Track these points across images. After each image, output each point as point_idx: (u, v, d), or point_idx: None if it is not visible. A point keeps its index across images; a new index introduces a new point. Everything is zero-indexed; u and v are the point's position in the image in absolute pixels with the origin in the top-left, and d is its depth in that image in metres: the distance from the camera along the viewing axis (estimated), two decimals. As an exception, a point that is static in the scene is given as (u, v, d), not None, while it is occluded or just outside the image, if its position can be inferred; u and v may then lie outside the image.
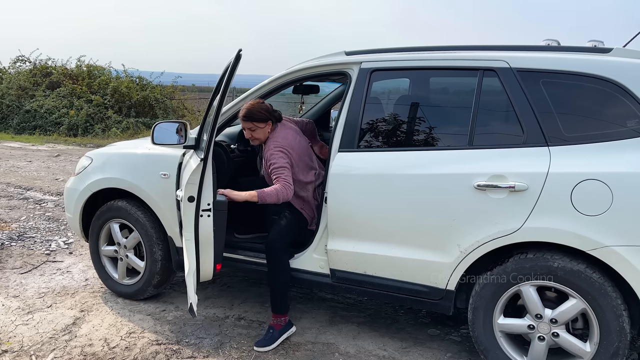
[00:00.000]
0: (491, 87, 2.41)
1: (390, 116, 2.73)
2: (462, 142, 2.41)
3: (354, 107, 2.63)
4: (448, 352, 2.73)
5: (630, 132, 2.14)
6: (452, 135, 2.55)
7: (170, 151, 3.10)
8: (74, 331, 2.91)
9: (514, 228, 2.23)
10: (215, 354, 2.68)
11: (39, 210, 5.54)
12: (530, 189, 2.20)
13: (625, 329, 2.13)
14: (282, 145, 2.71)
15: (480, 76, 2.41)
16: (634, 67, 2.18)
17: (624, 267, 2.07)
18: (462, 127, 2.44)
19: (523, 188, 2.20)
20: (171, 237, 3.11)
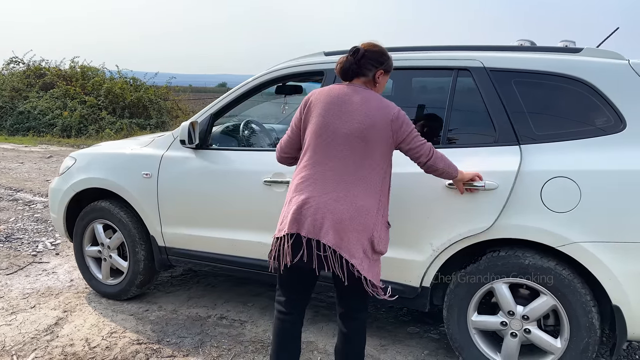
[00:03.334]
0: (465, 87, 2.44)
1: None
2: (436, 141, 2.43)
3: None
4: (425, 350, 2.76)
5: (599, 130, 2.17)
6: (427, 134, 2.57)
7: (152, 151, 3.12)
8: (55, 331, 2.93)
9: (485, 226, 2.26)
10: (195, 353, 2.70)
11: (28, 211, 5.56)
12: (500, 187, 2.23)
13: (594, 325, 2.16)
14: None
15: (455, 76, 2.44)
16: (602, 67, 2.22)
17: (592, 263, 2.10)
18: (437, 126, 2.47)
19: (493, 187, 2.23)
20: (153, 237, 3.14)
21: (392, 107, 1.97)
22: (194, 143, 2.88)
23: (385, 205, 2.01)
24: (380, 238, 1.95)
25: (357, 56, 2.00)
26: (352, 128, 1.93)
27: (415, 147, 2.00)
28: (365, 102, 1.96)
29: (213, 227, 2.92)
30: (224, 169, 2.87)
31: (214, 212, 2.91)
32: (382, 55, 2.04)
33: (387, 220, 2.04)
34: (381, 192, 1.97)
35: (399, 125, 1.95)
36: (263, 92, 3.20)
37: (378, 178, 1.95)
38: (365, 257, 1.91)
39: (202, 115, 3.00)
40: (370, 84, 2.04)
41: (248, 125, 3.43)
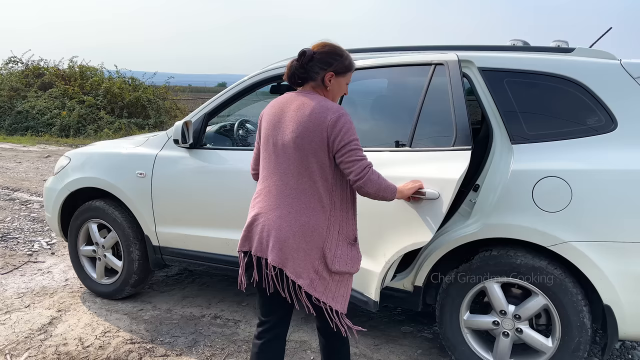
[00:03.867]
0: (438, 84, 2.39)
1: (370, 115, 2.76)
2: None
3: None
4: (419, 349, 2.76)
5: (590, 130, 2.17)
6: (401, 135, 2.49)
7: (146, 151, 3.12)
8: (49, 331, 2.93)
9: (478, 226, 2.26)
10: (188, 352, 2.70)
11: (25, 211, 5.56)
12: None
13: (585, 324, 2.17)
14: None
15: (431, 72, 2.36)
16: (594, 67, 2.22)
17: (583, 263, 2.10)
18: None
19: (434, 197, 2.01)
20: (148, 237, 3.14)
21: (331, 112, 1.70)
22: (187, 142, 2.88)
23: (342, 219, 1.78)
24: (337, 256, 1.76)
25: (303, 60, 1.78)
26: (287, 139, 1.74)
27: (346, 162, 1.69)
28: (300, 109, 1.74)
29: (207, 226, 2.93)
30: (217, 168, 2.88)
31: (207, 211, 2.91)
32: (333, 55, 1.79)
33: (350, 236, 1.81)
34: (331, 206, 1.75)
35: (335, 132, 1.68)
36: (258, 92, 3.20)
37: (323, 191, 1.73)
38: (318, 278, 1.74)
39: (196, 114, 3.00)
40: (320, 89, 1.82)
41: (242, 124, 3.43)
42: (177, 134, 2.86)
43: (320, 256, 1.74)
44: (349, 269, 1.80)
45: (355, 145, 1.70)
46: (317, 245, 1.73)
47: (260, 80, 2.92)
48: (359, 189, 1.73)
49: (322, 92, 1.82)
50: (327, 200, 1.74)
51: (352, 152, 1.70)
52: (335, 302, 1.79)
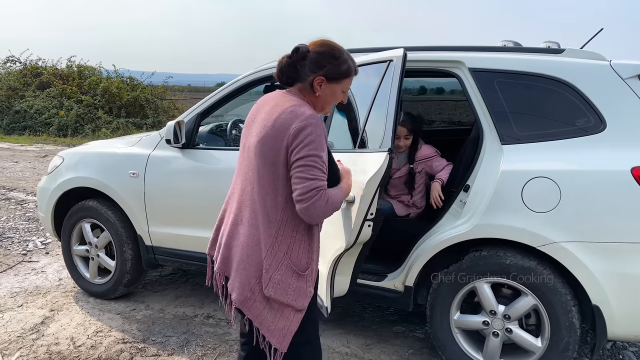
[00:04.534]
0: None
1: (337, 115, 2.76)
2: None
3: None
4: (410, 349, 2.76)
5: (579, 130, 2.18)
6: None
7: (139, 150, 3.12)
8: (42, 330, 2.93)
9: (468, 227, 2.27)
10: (179, 352, 2.71)
11: (20, 210, 5.55)
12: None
13: (575, 324, 2.17)
14: None
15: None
16: (583, 67, 2.23)
17: (572, 263, 2.11)
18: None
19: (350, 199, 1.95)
20: (140, 236, 3.14)
21: (298, 120, 1.48)
22: (180, 142, 2.89)
23: (292, 242, 1.56)
24: (273, 280, 1.54)
25: (295, 57, 1.58)
26: (251, 142, 1.60)
27: (295, 177, 1.49)
28: (270, 111, 1.56)
29: (199, 226, 2.92)
30: (210, 168, 2.88)
31: (199, 211, 2.91)
32: (327, 57, 1.58)
33: (299, 264, 1.57)
34: (280, 224, 1.54)
35: (296, 143, 1.47)
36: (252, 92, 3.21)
37: (271, 205, 1.54)
38: (254, 299, 1.57)
39: (188, 114, 3.01)
40: (308, 94, 1.61)
41: (236, 124, 3.43)
42: (169, 133, 2.86)
43: (258, 275, 1.56)
44: (289, 300, 1.56)
45: (312, 162, 1.47)
46: (255, 261, 1.56)
47: (252, 80, 2.92)
48: (300, 212, 1.49)
49: (309, 96, 1.61)
50: (275, 216, 1.54)
51: (305, 168, 1.47)
52: (271, 335, 1.58)
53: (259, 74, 2.90)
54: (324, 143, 1.52)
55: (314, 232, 1.62)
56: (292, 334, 1.60)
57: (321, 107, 1.65)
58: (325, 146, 1.53)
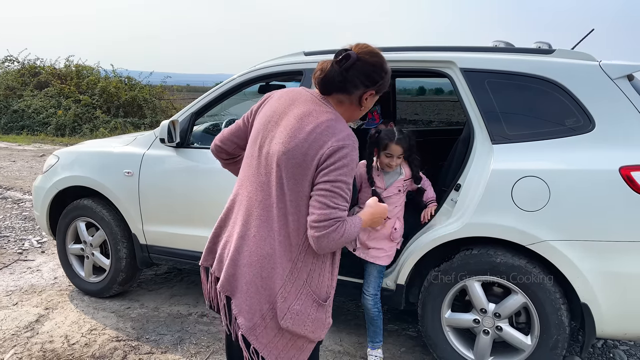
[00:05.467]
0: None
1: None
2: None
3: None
4: (402, 347, 2.78)
5: (568, 130, 2.20)
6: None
7: (134, 149, 3.14)
8: (36, 328, 2.94)
9: (458, 225, 2.29)
10: (173, 350, 2.72)
11: (17, 209, 5.57)
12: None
13: (564, 322, 2.19)
14: None
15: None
16: (573, 68, 2.24)
17: (561, 261, 2.13)
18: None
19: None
20: (135, 235, 3.15)
21: (336, 139, 1.35)
22: (174, 141, 2.90)
23: (313, 269, 1.42)
24: (291, 311, 1.39)
25: (344, 64, 1.41)
26: (273, 149, 1.42)
27: (315, 201, 1.35)
28: (303, 119, 1.40)
29: (193, 225, 2.94)
30: (204, 167, 2.89)
31: (194, 210, 2.92)
32: (380, 71, 1.44)
33: (320, 293, 1.44)
34: (301, 249, 1.40)
35: (327, 164, 1.34)
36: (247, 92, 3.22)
37: (293, 227, 1.39)
38: (264, 326, 1.41)
39: (183, 114, 3.02)
40: (350, 105, 1.47)
41: (230, 124, 3.44)
42: (163, 133, 2.87)
43: (270, 301, 1.40)
44: (307, 332, 1.43)
45: (338, 188, 1.34)
46: (270, 286, 1.40)
47: (247, 79, 2.94)
48: (310, 238, 1.36)
49: (349, 108, 1.47)
50: (296, 239, 1.40)
51: (330, 194, 1.34)
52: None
53: (253, 73, 2.91)
54: (355, 169, 1.40)
55: (336, 258, 1.49)
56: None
57: (354, 119, 1.54)
58: (354, 172, 1.41)
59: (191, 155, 2.95)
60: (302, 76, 2.76)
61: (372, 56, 1.43)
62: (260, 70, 2.90)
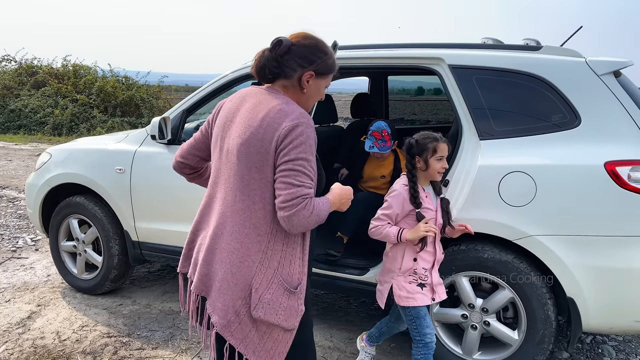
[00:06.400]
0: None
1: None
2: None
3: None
4: (392, 343, 2.80)
5: (555, 126, 2.21)
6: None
7: (126, 147, 3.15)
8: (28, 324, 2.95)
9: (446, 220, 2.30)
10: (164, 345, 2.73)
11: (11, 208, 5.57)
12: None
13: (550, 317, 2.20)
14: None
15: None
16: (559, 64, 2.26)
17: (547, 256, 2.14)
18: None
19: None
20: (127, 232, 3.16)
21: (289, 119, 1.38)
22: (165, 138, 2.91)
23: (284, 256, 1.43)
24: (263, 301, 1.40)
25: (277, 51, 1.45)
26: (231, 144, 1.44)
27: (279, 183, 1.37)
28: (253, 109, 1.44)
29: (184, 222, 2.95)
30: (195, 164, 2.90)
31: (185, 207, 2.93)
32: (316, 51, 1.48)
33: (291, 281, 1.44)
34: (270, 237, 1.42)
35: (285, 143, 1.36)
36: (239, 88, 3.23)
37: (262, 215, 1.41)
38: (238, 321, 1.42)
39: (174, 111, 3.03)
40: (294, 90, 1.50)
41: None
42: (154, 129, 2.88)
43: (244, 296, 1.41)
44: (279, 321, 1.43)
45: (300, 166, 1.36)
46: (243, 280, 1.41)
47: (239, 76, 2.94)
48: (281, 220, 1.37)
49: (294, 93, 1.50)
50: (265, 228, 1.42)
51: (292, 173, 1.35)
52: (257, 358, 1.44)
53: (245, 70, 2.92)
54: (314, 146, 1.40)
55: (306, 244, 1.49)
56: (281, 355, 1.47)
57: (304, 104, 1.53)
58: (314, 149, 1.40)
59: (182, 152, 2.96)
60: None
61: (305, 39, 1.49)
62: (251, 68, 2.91)
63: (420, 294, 2.13)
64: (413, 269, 2.14)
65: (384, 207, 2.16)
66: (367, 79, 4.23)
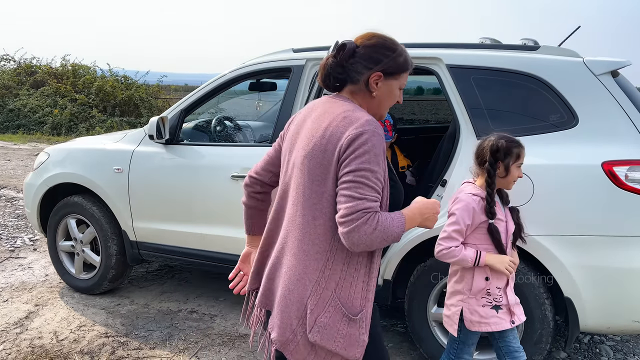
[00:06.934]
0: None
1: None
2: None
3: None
4: (390, 343, 2.80)
5: (552, 126, 2.21)
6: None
7: (124, 146, 3.14)
8: (25, 324, 2.95)
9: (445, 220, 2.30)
10: (162, 345, 2.73)
11: (10, 207, 5.56)
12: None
13: (547, 316, 2.21)
14: None
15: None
16: (557, 64, 2.26)
17: (545, 256, 2.15)
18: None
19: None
20: (125, 232, 3.16)
21: (354, 127, 1.27)
22: (163, 138, 2.91)
23: (343, 278, 1.31)
24: (318, 324, 1.29)
25: (342, 55, 1.36)
26: (296, 157, 1.37)
27: (340, 196, 1.26)
28: (318, 119, 1.36)
29: (182, 221, 2.95)
30: (192, 163, 2.90)
31: (183, 206, 2.93)
32: (382, 49, 1.36)
33: (350, 306, 1.31)
34: (330, 255, 1.31)
35: (347, 153, 1.25)
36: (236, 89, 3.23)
37: (322, 232, 1.31)
38: (295, 343, 1.33)
39: (172, 110, 3.03)
40: (362, 95, 1.39)
41: (220, 121, 3.46)
42: (152, 129, 2.88)
43: (300, 316, 1.32)
44: (337, 349, 1.31)
45: (362, 177, 1.23)
46: (298, 299, 1.32)
47: (237, 76, 2.95)
48: (341, 236, 1.25)
49: (363, 98, 1.39)
50: (324, 245, 1.31)
51: (354, 185, 1.23)
52: None
53: (243, 70, 2.93)
54: (382, 155, 1.27)
55: (373, 267, 1.35)
56: None
57: (376, 109, 1.42)
58: (383, 159, 1.28)
59: (180, 152, 2.96)
60: (291, 73, 2.77)
61: (370, 38, 1.38)
62: (249, 67, 2.91)
63: (496, 317, 1.88)
64: (486, 290, 1.88)
65: (452, 223, 1.86)
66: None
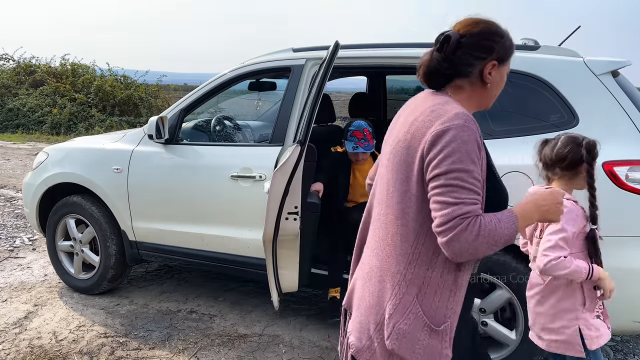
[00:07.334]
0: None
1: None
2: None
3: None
4: (390, 343, 2.79)
5: (553, 126, 2.21)
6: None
7: (123, 146, 3.14)
8: (24, 324, 2.94)
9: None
10: (161, 346, 2.72)
11: (9, 207, 5.56)
12: None
13: (547, 317, 2.20)
14: None
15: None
16: (557, 64, 2.26)
17: (544, 257, 2.14)
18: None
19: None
20: (124, 232, 3.15)
21: (439, 121, 1.15)
22: (162, 138, 2.90)
23: (426, 283, 1.19)
24: (398, 331, 1.18)
25: (447, 48, 1.22)
26: (385, 152, 1.31)
27: (433, 202, 1.13)
28: (409, 115, 1.25)
29: (182, 221, 2.94)
30: (192, 163, 2.90)
31: (182, 206, 2.93)
32: (492, 36, 1.23)
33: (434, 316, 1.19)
34: (412, 258, 1.19)
35: (433, 153, 1.13)
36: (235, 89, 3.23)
37: (406, 233, 1.20)
38: (372, 351, 1.23)
39: (172, 110, 3.02)
40: (473, 87, 1.26)
41: (220, 120, 3.45)
42: (151, 129, 2.87)
43: (378, 321, 1.22)
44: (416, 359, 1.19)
45: (456, 179, 1.10)
46: (378, 302, 1.23)
47: (236, 76, 2.95)
48: (441, 247, 1.12)
49: (474, 91, 1.26)
50: (405, 247, 1.20)
51: (446, 189, 1.10)
52: None
53: (242, 70, 2.92)
54: (475, 152, 1.12)
55: (462, 275, 1.21)
56: None
57: (488, 101, 1.30)
58: (477, 156, 1.13)
59: (180, 152, 2.95)
60: (290, 72, 2.77)
61: (475, 25, 1.24)
62: (249, 67, 2.91)
63: (604, 326, 1.70)
64: (597, 300, 1.70)
65: (557, 231, 1.64)
66: (365, 79, 4.24)
